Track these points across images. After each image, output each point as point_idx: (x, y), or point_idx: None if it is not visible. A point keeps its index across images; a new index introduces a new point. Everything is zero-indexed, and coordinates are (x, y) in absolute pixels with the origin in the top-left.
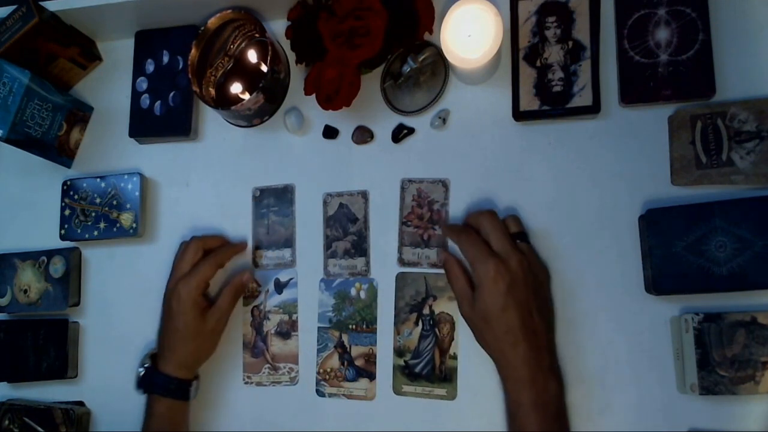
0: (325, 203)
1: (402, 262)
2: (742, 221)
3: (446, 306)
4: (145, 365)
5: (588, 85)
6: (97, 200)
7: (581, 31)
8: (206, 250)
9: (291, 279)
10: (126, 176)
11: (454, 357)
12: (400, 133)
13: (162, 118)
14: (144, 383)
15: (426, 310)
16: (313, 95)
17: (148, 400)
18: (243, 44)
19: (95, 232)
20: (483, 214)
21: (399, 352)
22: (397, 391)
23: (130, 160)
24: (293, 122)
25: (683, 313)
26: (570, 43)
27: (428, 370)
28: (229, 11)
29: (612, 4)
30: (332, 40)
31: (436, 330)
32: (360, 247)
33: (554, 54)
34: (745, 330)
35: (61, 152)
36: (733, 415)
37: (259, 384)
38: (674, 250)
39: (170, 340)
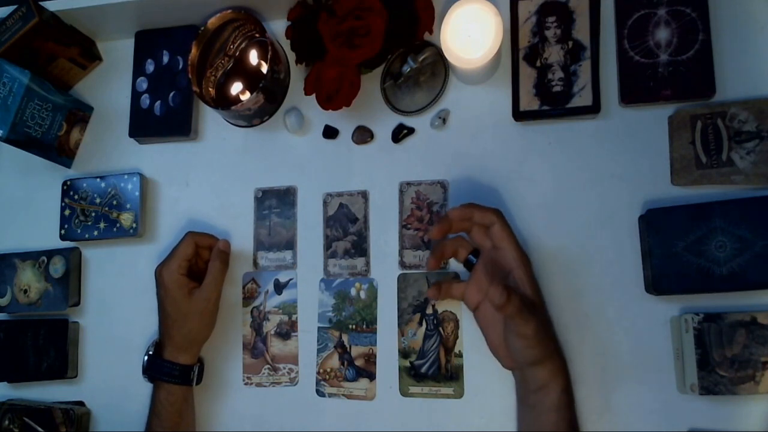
0: (325, 203)
1: (404, 265)
2: (742, 221)
3: (449, 304)
4: (149, 352)
5: (588, 85)
6: (97, 200)
7: (581, 31)
8: (199, 245)
9: (291, 280)
10: (126, 176)
11: (460, 355)
12: (400, 133)
13: (162, 118)
14: (147, 370)
15: (429, 310)
16: (313, 95)
17: (154, 387)
18: (243, 44)
19: (95, 232)
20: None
21: (404, 353)
22: (404, 393)
23: (130, 160)
24: (293, 122)
25: (683, 313)
26: (570, 43)
27: (434, 369)
28: (229, 11)
29: (612, 4)
30: (332, 40)
31: (440, 329)
32: (360, 247)
33: (554, 54)
34: (745, 330)
35: (61, 152)
36: (733, 415)
37: (259, 385)
38: (674, 250)
39: (165, 326)
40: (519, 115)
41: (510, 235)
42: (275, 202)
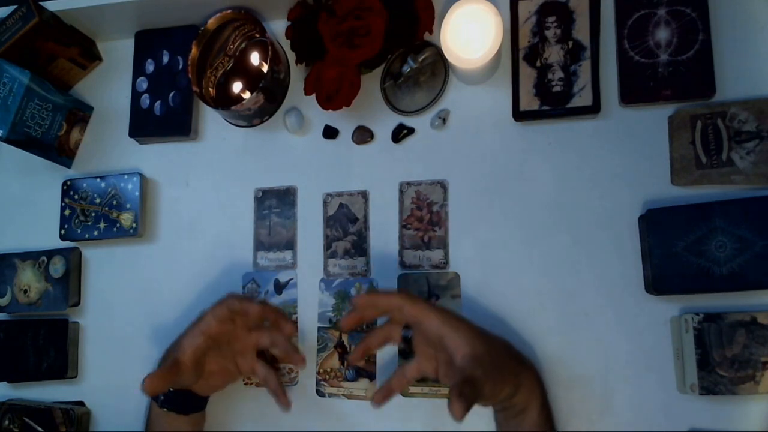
0: (325, 203)
1: (404, 265)
2: (742, 221)
3: (449, 304)
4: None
5: (588, 85)
6: (97, 200)
7: (581, 31)
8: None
9: (291, 280)
10: (126, 176)
11: None
12: (400, 133)
13: (162, 118)
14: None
15: None
16: (313, 95)
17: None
18: (243, 44)
19: (95, 232)
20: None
21: (404, 353)
22: (404, 393)
23: (130, 160)
24: (293, 122)
25: (683, 313)
26: (570, 43)
27: None
28: (229, 11)
29: (612, 4)
30: (332, 40)
31: None
32: (360, 247)
33: (554, 54)
34: (745, 330)
35: (61, 152)
36: (733, 415)
37: (259, 385)
38: (674, 250)
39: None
40: (519, 115)
41: (422, 310)
42: (275, 202)
